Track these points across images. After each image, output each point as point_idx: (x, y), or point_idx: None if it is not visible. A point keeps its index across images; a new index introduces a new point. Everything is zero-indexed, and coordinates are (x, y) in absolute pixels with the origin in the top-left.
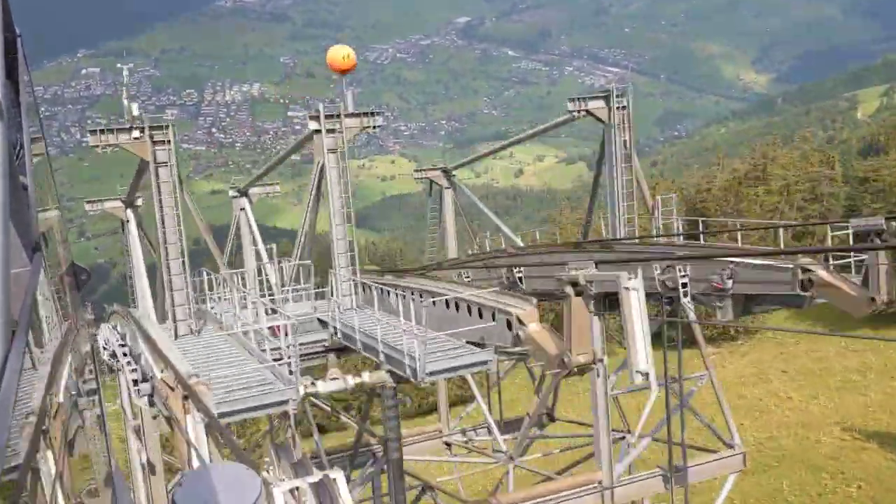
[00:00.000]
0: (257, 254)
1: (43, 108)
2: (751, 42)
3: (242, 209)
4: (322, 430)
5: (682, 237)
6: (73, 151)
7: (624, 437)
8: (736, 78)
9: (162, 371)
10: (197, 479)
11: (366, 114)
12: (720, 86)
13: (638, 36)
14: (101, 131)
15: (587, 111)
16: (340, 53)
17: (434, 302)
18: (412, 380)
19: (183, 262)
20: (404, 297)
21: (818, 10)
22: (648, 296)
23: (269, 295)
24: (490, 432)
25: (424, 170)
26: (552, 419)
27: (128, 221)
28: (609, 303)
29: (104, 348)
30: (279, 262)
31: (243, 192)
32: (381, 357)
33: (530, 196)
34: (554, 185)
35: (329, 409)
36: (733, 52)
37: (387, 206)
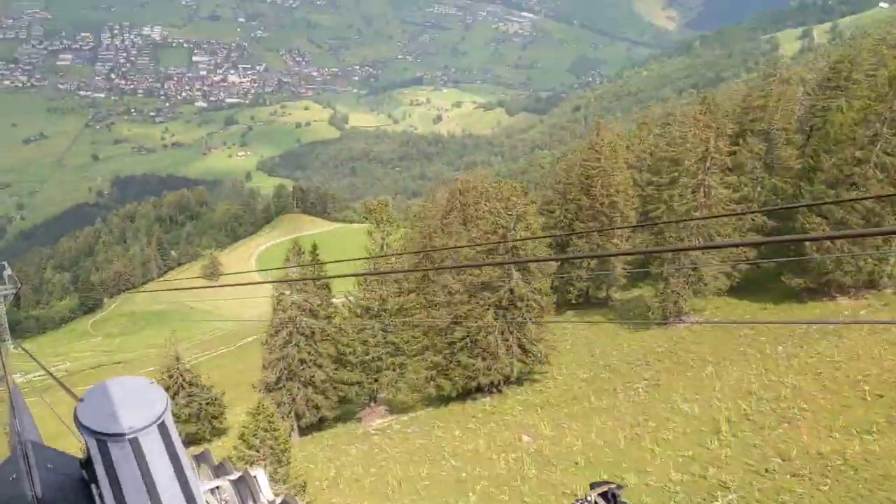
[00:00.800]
0: None
1: None
2: None
3: None
4: None
5: None
6: None
7: None
8: (647, 24)
9: None
10: (99, 393)
11: None
12: (632, 31)
13: None
14: None
15: None
16: None
17: None
18: None
19: None
20: None
21: None
22: None
23: None
24: None
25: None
26: None
27: None
28: None
29: None
30: None
31: None
32: None
33: (452, 143)
34: (474, 130)
35: None
36: None
37: (303, 152)
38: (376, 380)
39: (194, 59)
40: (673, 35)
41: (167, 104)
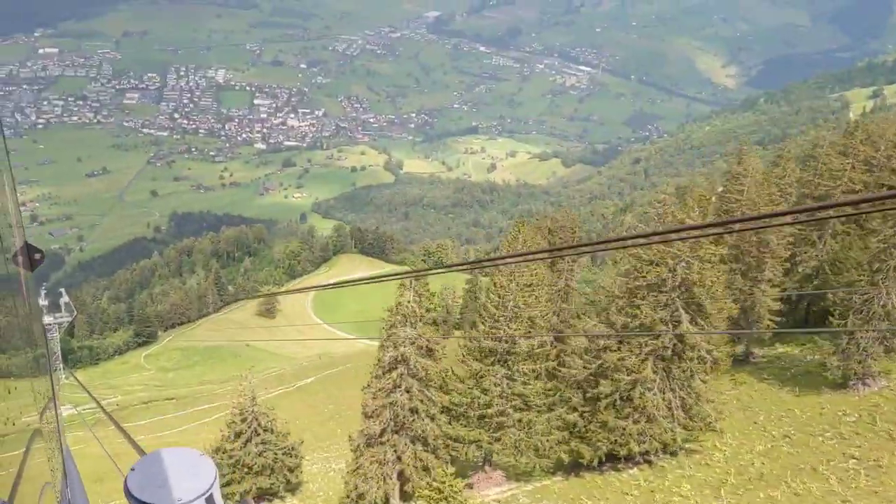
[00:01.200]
0: None
1: None
2: (720, 46)
3: None
4: None
5: None
6: (27, 133)
7: None
8: (706, 80)
9: None
10: (150, 463)
11: None
12: (690, 88)
13: (608, 36)
14: None
15: None
16: None
17: None
18: None
19: None
20: None
21: (786, 17)
22: None
23: None
24: None
25: None
26: None
27: None
28: None
29: None
30: None
31: None
32: None
33: (506, 191)
34: (528, 180)
35: None
36: (703, 56)
37: (358, 196)
38: (498, 439)
39: (255, 101)
40: (732, 93)
41: (227, 144)
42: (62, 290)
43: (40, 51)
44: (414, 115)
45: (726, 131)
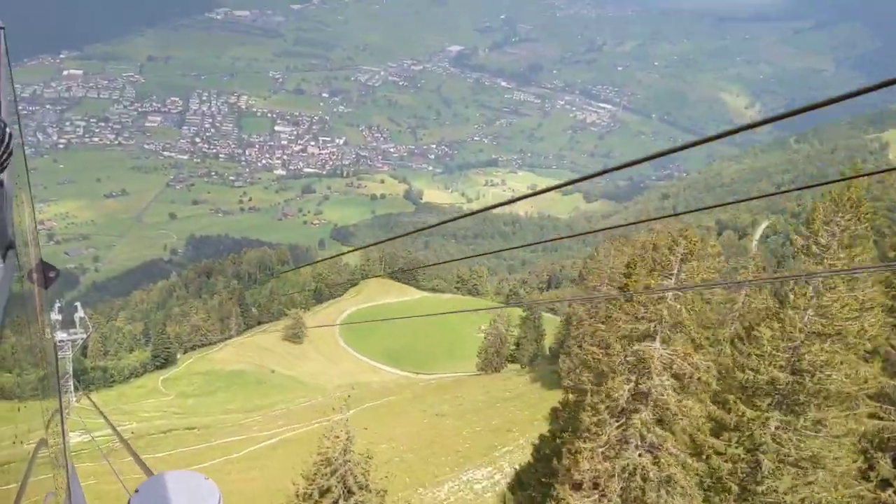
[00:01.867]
0: None
1: (21, 107)
2: (742, 88)
3: None
4: None
5: None
6: (48, 153)
7: None
8: (728, 121)
9: None
10: (154, 486)
11: None
12: (712, 128)
13: (630, 75)
14: None
15: None
16: None
17: None
18: None
19: None
20: None
21: (809, 61)
22: None
23: None
24: None
25: None
26: None
27: None
28: None
29: None
30: None
31: None
32: None
33: (529, 223)
34: (550, 214)
35: None
36: (725, 97)
37: (377, 224)
38: None
39: (277, 128)
40: (755, 134)
41: (247, 170)
42: (77, 304)
43: (65, 72)
44: (434, 146)
45: (757, 169)
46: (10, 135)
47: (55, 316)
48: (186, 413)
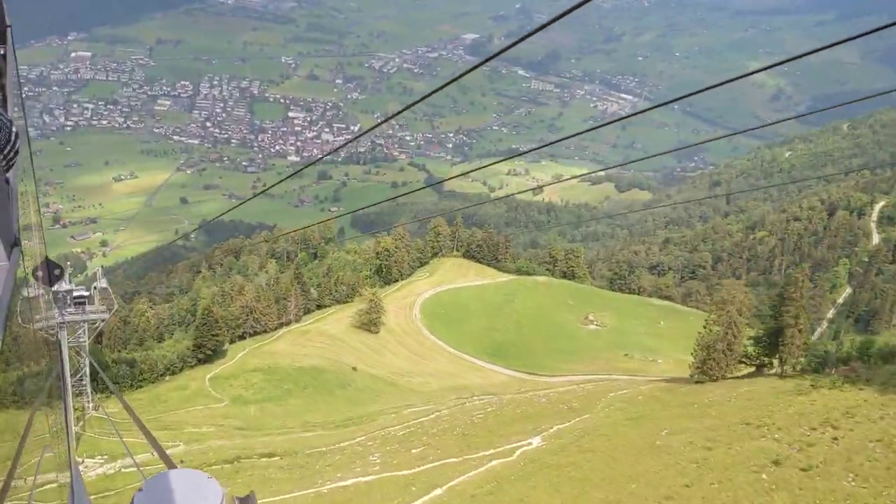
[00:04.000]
0: None
1: (26, 89)
2: (766, 80)
3: None
4: None
5: None
6: (54, 135)
7: None
8: (751, 114)
9: None
10: (158, 485)
11: None
12: (735, 121)
13: (651, 66)
14: None
15: None
16: None
17: None
18: None
19: None
20: None
21: (834, 53)
22: None
23: None
24: None
25: None
26: None
27: None
28: None
29: None
30: None
31: None
32: None
33: (565, 212)
34: (582, 201)
35: None
36: (749, 90)
37: (399, 212)
38: None
39: (290, 114)
40: (779, 127)
41: (260, 156)
42: (99, 269)
43: (73, 54)
44: (451, 134)
45: (818, 154)
46: (17, 134)
47: (67, 285)
48: (251, 428)
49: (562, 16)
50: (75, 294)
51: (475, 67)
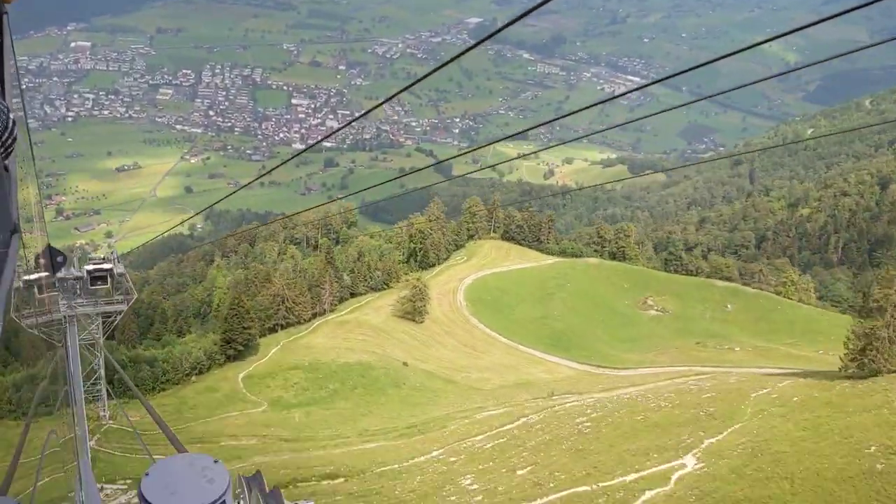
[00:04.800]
0: None
1: (26, 80)
2: (774, 61)
3: None
4: None
5: None
6: (55, 126)
7: None
8: (760, 94)
9: None
10: (165, 469)
11: None
12: (745, 101)
13: (657, 47)
14: None
15: None
16: None
17: None
18: None
19: None
20: None
21: (843, 32)
22: None
23: None
24: None
25: None
26: None
27: None
28: None
29: None
30: None
31: None
32: None
33: (581, 195)
34: (594, 185)
35: None
36: (757, 70)
37: (410, 198)
38: None
39: (293, 101)
40: (789, 107)
41: (264, 144)
42: (114, 250)
43: (72, 44)
44: (458, 119)
45: (846, 135)
46: (14, 121)
47: (76, 271)
48: (300, 438)
49: None
50: (95, 269)
51: (476, 45)
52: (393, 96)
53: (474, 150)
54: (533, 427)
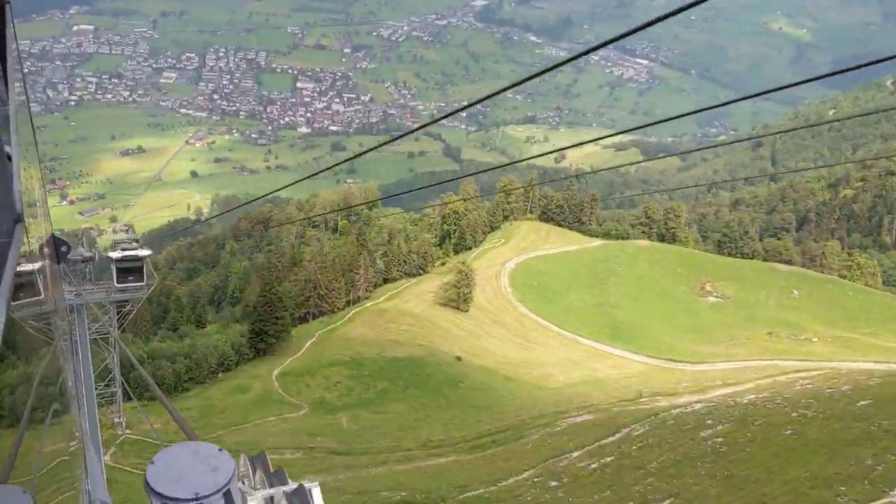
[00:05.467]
0: None
1: (28, 63)
2: (784, 44)
3: None
4: None
5: None
6: (58, 110)
7: None
8: (771, 78)
9: None
10: (170, 457)
11: None
12: (755, 85)
13: (665, 30)
14: None
15: None
16: None
17: None
18: None
19: None
20: None
21: (855, 15)
22: None
23: None
24: None
25: None
26: None
27: None
28: None
29: None
30: None
31: None
32: None
33: (595, 178)
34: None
35: None
36: (768, 53)
37: (419, 182)
38: None
39: (298, 85)
40: (801, 91)
41: (269, 128)
42: (130, 227)
43: (75, 27)
44: (465, 103)
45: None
46: None
47: (85, 252)
48: (353, 451)
49: None
50: (126, 257)
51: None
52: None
53: (471, 105)
54: (642, 441)
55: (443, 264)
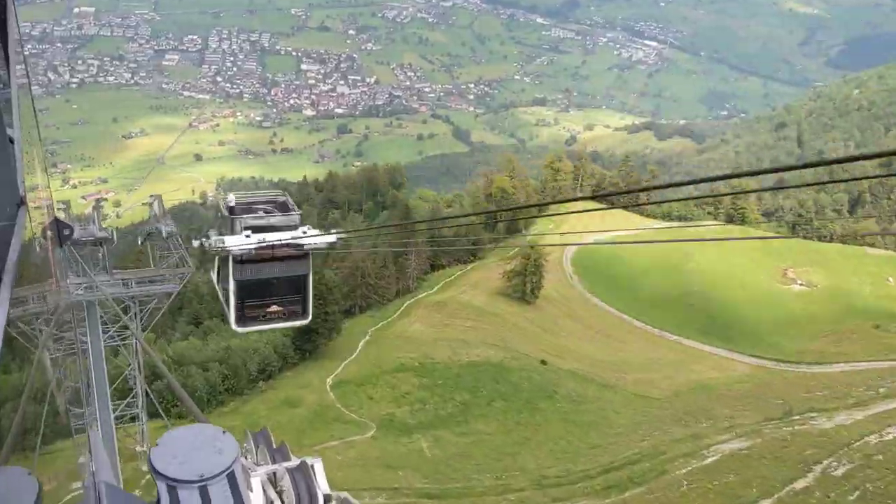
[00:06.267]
0: None
1: (29, 46)
2: (795, 25)
3: None
4: None
5: None
6: (59, 92)
7: None
8: (781, 60)
9: None
10: (174, 439)
11: None
12: (765, 67)
13: (674, 11)
14: None
15: None
16: None
17: None
18: None
19: None
20: None
21: None
22: None
23: None
24: None
25: None
26: None
27: None
28: None
29: None
30: None
31: None
32: None
33: (613, 162)
34: (618, 153)
35: None
36: (778, 34)
37: (429, 165)
38: None
39: (303, 67)
40: (812, 73)
41: (274, 110)
42: (158, 198)
43: (76, 10)
44: (472, 85)
45: (893, 91)
46: None
47: (97, 231)
48: (451, 494)
49: None
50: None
51: None
52: None
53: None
54: (857, 487)
55: (499, 249)
